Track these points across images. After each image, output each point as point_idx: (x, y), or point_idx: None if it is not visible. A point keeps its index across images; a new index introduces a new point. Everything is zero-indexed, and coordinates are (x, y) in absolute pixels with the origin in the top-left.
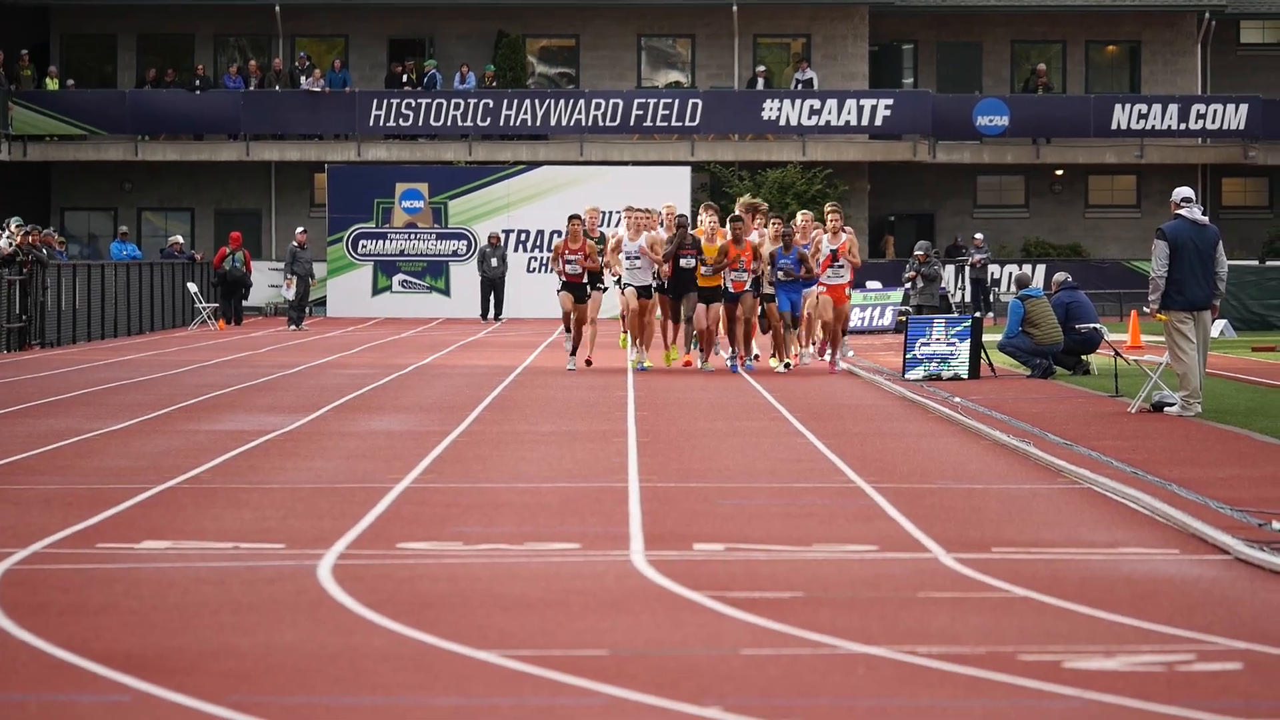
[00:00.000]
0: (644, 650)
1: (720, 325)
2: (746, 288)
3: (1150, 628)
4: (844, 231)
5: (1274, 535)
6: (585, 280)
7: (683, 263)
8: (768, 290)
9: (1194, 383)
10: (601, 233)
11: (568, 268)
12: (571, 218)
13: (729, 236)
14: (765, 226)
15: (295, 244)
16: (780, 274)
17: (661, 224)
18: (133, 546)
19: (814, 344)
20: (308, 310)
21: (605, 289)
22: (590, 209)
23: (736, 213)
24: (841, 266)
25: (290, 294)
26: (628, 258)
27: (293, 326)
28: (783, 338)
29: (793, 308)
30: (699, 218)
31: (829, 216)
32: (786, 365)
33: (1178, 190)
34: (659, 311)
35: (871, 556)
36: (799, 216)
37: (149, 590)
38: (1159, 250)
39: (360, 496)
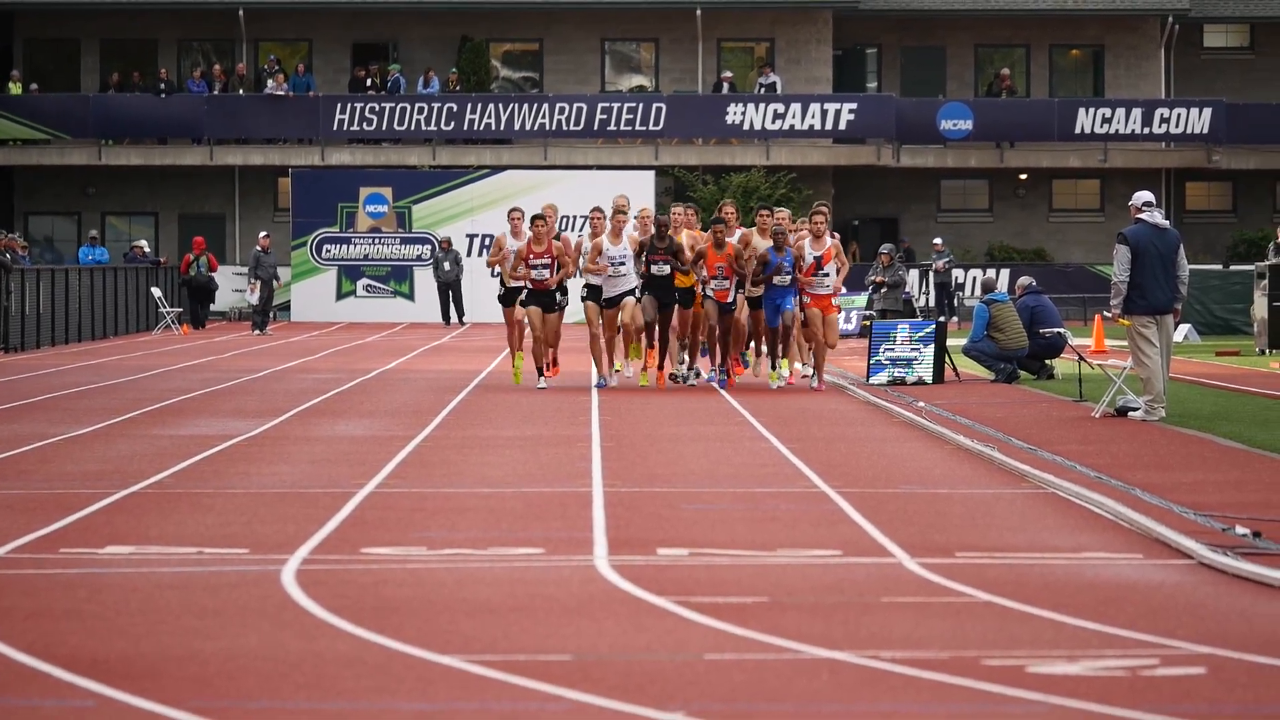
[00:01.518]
0: (608, 655)
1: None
2: (730, 299)
3: (1114, 632)
4: (829, 236)
5: (1237, 540)
6: (554, 288)
7: (654, 269)
8: (753, 293)
9: (1158, 387)
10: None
11: (534, 274)
12: (534, 218)
13: (708, 239)
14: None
15: (259, 248)
16: (777, 278)
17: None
18: (96, 551)
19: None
20: (272, 315)
21: (565, 305)
22: (548, 205)
23: (719, 215)
24: (826, 275)
25: (254, 298)
26: (611, 263)
27: (257, 331)
28: (782, 345)
29: (782, 304)
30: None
31: (814, 218)
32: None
33: (1138, 194)
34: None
35: (835, 561)
36: (776, 216)
37: (113, 595)
38: (1120, 254)
39: (324, 501)
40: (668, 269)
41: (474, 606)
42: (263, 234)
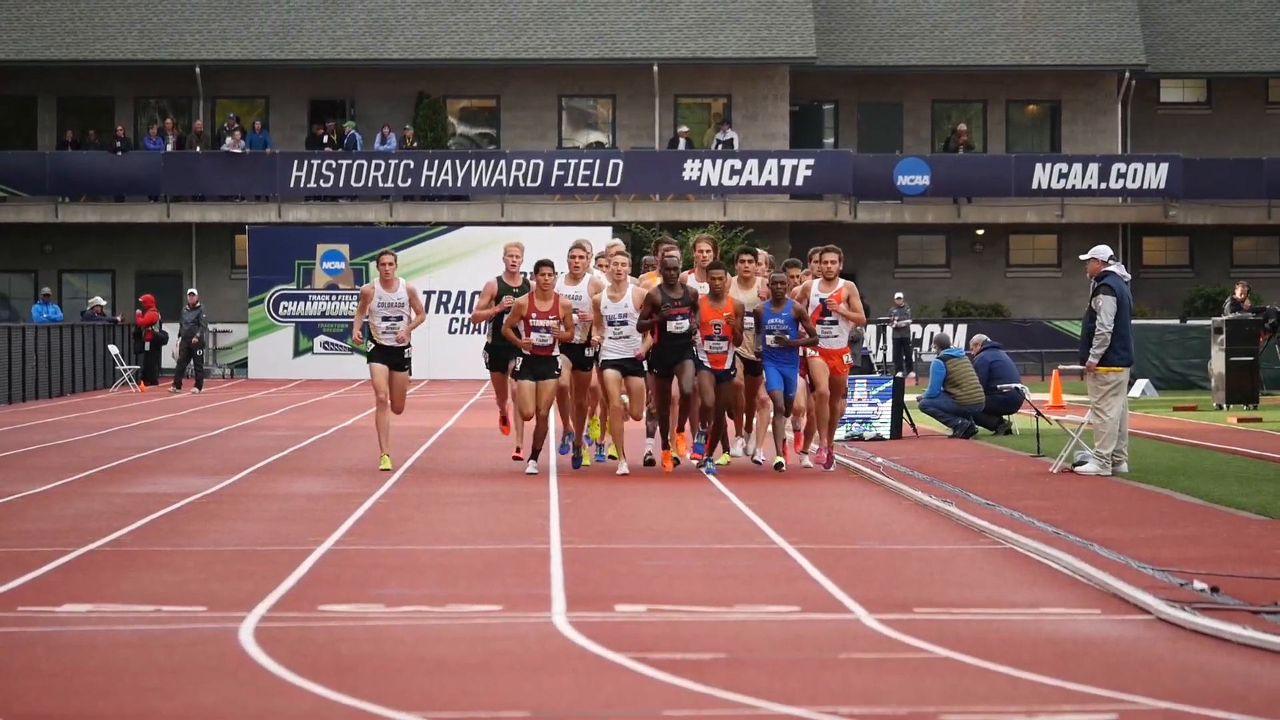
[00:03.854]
0: (566, 712)
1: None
2: (728, 365)
3: (1072, 688)
4: (840, 279)
5: (1195, 595)
6: (556, 353)
7: (672, 326)
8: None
9: (1115, 442)
10: (525, 279)
11: (535, 337)
12: (541, 265)
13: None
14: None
15: (186, 306)
16: (770, 339)
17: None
18: (54, 609)
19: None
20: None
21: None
22: (513, 244)
23: (705, 254)
24: (835, 323)
25: (175, 354)
26: (610, 324)
27: (195, 389)
28: (774, 424)
29: (786, 385)
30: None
31: (825, 258)
32: (779, 464)
33: (1101, 249)
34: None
35: (794, 617)
36: (760, 257)
37: (70, 653)
38: (1109, 305)
39: (282, 559)
40: (687, 325)
41: (432, 664)
42: (190, 290)
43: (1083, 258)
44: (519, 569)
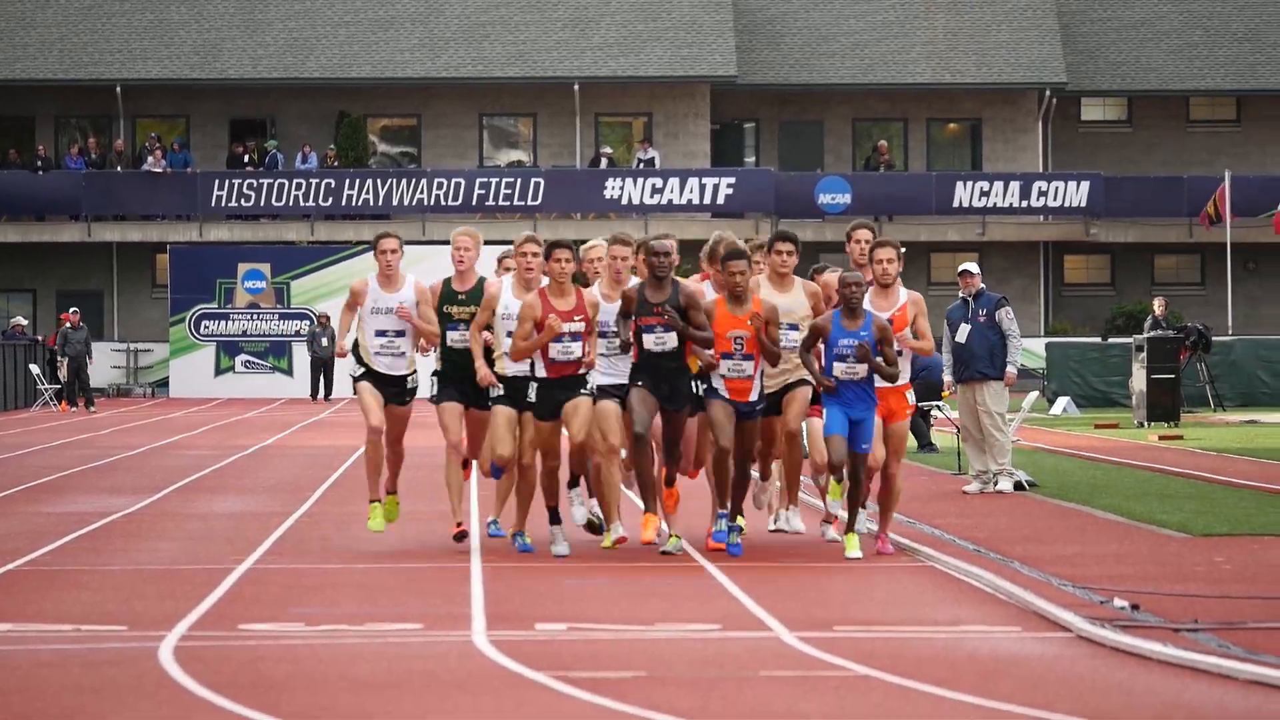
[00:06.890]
0: None
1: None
2: (754, 396)
3: (993, 706)
4: (902, 289)
5: (1116, 613)
6: (584, 371)
7: (650, 340)
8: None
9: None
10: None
11: (555, 350)
12: (554, 247)
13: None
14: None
15: (68, 325)
16: (840, 367)
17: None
18: None
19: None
20: (86, 392)
21: (590, 393)
22: (462, 233)
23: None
24: (899, 352)
25: (63, 374)
26: (602, 334)
27: (91, 409)
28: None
29: (856, 433)
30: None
31: (880, 257)
32: (861, 529)
33: (973, 264)
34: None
35: (714, 635)
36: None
37: None
38: (1013, 317)
39: (202, 578)
40: (673, 340)
41: (352, 682)
42: (72, 309)
43: (971, 270)
44: (439, 587)
